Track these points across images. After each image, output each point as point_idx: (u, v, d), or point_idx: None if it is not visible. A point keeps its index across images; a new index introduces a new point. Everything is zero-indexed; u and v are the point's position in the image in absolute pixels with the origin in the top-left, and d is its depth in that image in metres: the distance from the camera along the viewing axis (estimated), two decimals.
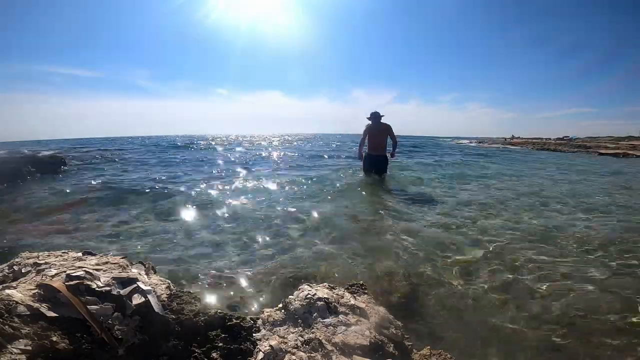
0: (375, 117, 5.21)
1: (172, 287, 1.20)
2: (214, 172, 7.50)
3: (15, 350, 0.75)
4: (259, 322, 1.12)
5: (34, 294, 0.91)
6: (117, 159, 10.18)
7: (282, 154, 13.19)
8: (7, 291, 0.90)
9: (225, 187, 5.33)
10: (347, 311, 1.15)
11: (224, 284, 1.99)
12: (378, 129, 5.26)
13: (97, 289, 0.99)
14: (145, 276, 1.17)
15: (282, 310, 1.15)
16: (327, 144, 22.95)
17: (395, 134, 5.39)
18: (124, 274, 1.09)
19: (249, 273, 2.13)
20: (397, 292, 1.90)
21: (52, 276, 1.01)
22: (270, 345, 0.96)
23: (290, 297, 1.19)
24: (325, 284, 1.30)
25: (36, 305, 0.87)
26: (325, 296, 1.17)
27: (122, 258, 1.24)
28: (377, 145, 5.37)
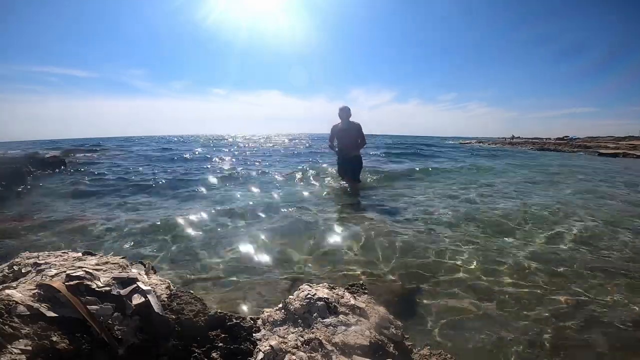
0: (345, 113, 4.65)
1: (172, 287, 1.20)
2: None
3: (15, 350, 0.75)
4: (259, 322, 1.12)
5: (34, 294, 0.91)
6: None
7: None
8: (7, 291, 0.90)
9: None
10: (347, 311, 1.15)
11: (224, 284, 1.99)
12: (348, 128, 4.72)
13: (97, 289, 0.98)
14: (145, 276, 1.17)
15: (282, 310, 1.15)
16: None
17: (394, 133, 5.16)
18: (124, 274, 1.09)
19: (249, 273, 2.13)
20: (397, 292, 1.90)
21: (52, 276, 1.01)
22: (270, 345, 0.96)
23: (290, 297, 1.19)
24: (325, 284, 1.30)
25: (36, 305, 0.87)
26: (325, 296, 1.17)
27: (122, 258, 1.24)
28: (348, 144, 4.81)
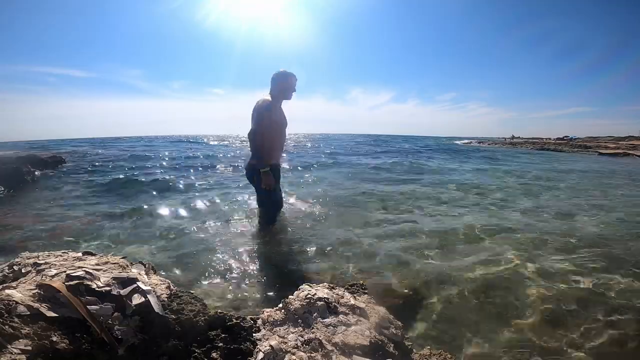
0: (291, 85, 2.67)
1: (172, 287, 1.20)
2: None
3: (15, 350, 0.75)
4: (259, 322, 1.12)
5: (34, 294, 0.91)
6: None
7: None
8: (7, 291, 0.90)
9: None
10: (347, 311, 1.15)
11: (224, 284, 1.99)
12: (283, 117, 2.76)
13: (97, 289, 0.98)
14: (145, 276, 1.17)
15: (282, 310, 1.15)
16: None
17: (392, 133, 3.74)
18: (124, 274, 1.09)
19: (248, 272, 2.13)
20: (397, 292, 1.90)
21: (52, 276, 1.01)
22: (270, 345, 0.96)
23: (290, 297, 1.19)
24: (325, 283, 1.30)
25: (36, 305, 0.87)
26: (325, 296, 1.17)
27: (122, 258, 1.24)
28: (281, 148, 2.85)
